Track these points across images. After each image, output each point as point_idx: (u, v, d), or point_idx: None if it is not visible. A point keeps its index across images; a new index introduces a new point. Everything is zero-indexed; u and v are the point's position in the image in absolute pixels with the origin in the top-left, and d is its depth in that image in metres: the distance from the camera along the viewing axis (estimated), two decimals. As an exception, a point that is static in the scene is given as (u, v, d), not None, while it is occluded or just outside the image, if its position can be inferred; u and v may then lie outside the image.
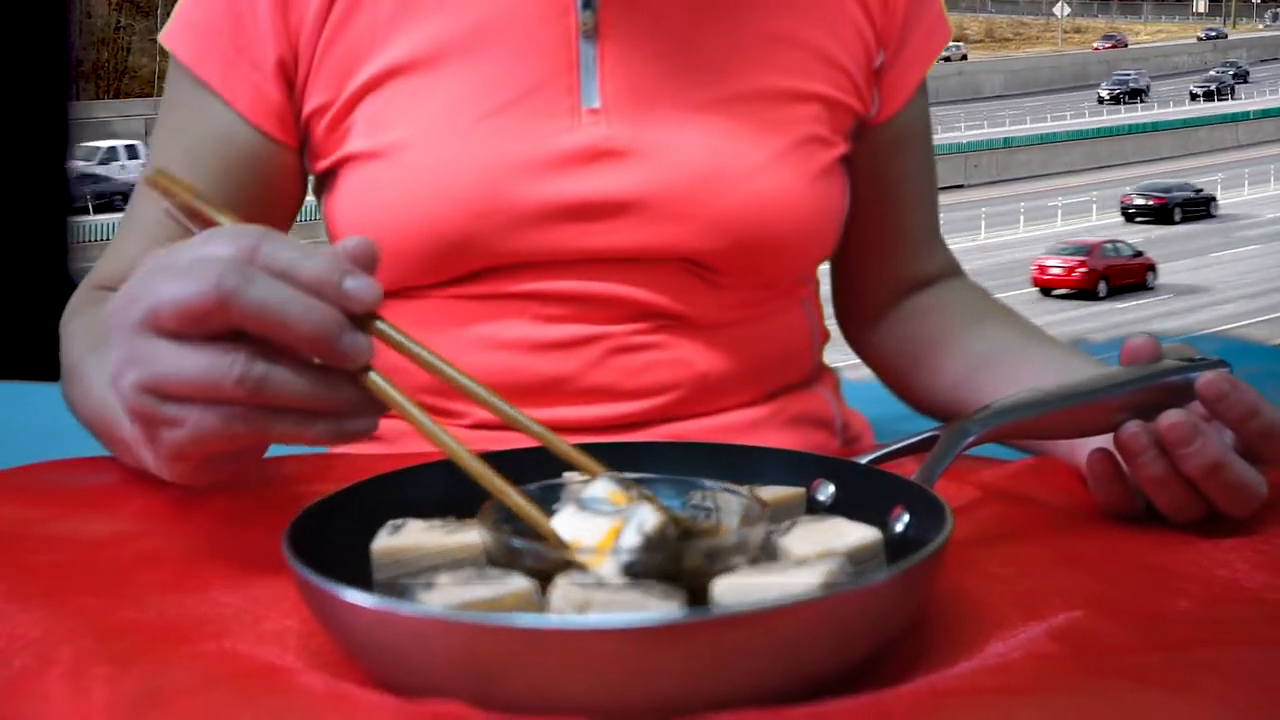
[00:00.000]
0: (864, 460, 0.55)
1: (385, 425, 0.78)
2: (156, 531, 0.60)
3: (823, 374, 0.86)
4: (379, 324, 0.48)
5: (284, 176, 0.78)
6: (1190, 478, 0.55)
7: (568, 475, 0.51)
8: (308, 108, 0.76)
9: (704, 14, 0.76)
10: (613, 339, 0.74)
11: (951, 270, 0.88)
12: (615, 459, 0.53)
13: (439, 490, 0.52)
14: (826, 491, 0.54)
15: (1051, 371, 0.73)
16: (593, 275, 0.73)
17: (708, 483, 0.49)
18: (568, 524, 0.44)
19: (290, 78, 0.75)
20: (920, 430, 0.58)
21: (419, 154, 0.73)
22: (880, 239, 0.86)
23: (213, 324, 0.46)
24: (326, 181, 0.78)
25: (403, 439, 0.77)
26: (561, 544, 0.43)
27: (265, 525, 0.59)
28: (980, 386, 0.77)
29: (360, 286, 0.46)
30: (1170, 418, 0.55)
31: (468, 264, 0.73)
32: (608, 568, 0.42)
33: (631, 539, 0.42)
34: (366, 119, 0.74)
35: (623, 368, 0.74)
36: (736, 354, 0.76)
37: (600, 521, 0.44)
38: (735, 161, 0.74)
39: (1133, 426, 0.55)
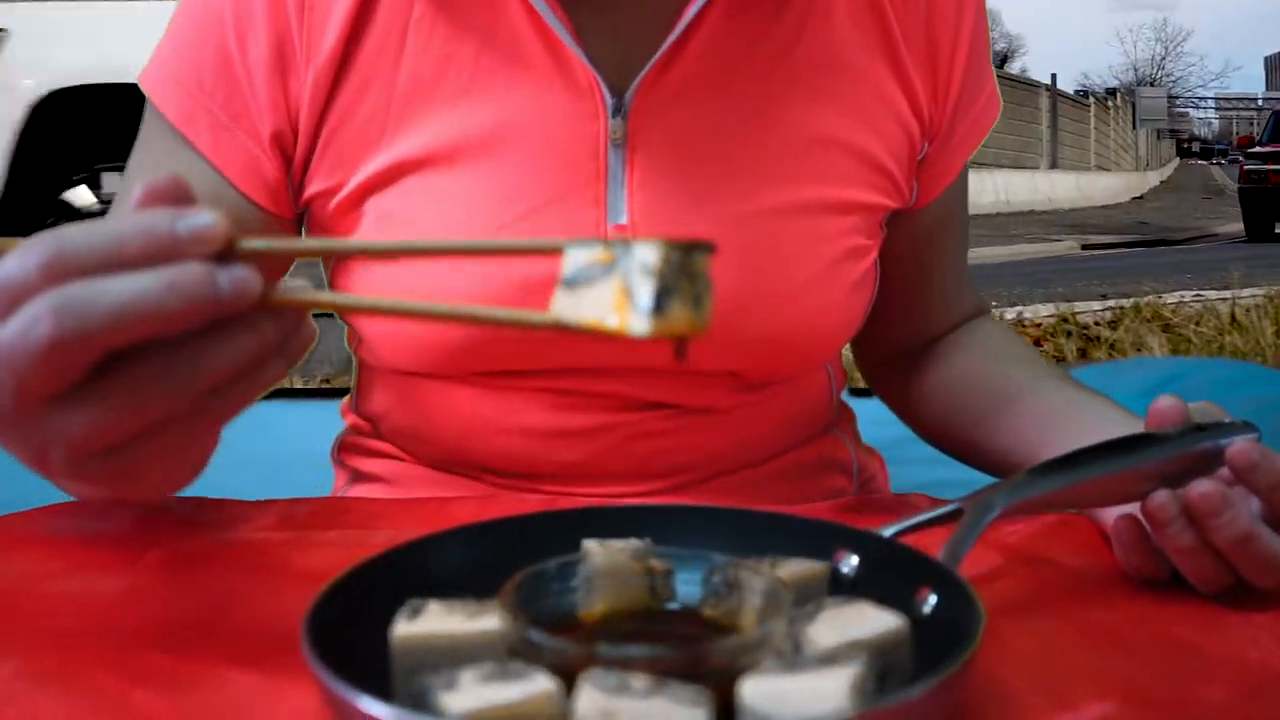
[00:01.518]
0: (888, 533, 0.54)
1: (388, 468, 0.78)
2: (168, 586, 0.59)
3: (841, 415, 0.84)
4: (245, 246, 0.41)
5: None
6: (1219, 549, 0.54)
7: (586, 545, 0.50)
8: (310, 190, 0.70)
9: (741, 119, 0.69)
10: (632, 426, 0.71)
11: (977, 310, 0.87)
12: (630, 525, 0.52)
13: (457, 561, 0.51)
14: (850, 564, 0.53)
15: (1072, 412, 0.73)
16: (613, 380, 0.70)
17: (728, 559, 0.48)
18: (569, 307, 0.41)
19: (288, 152, 0.70)
20: (942, 496, 0.57)
21: (433, 266, 0.67)
22: (909, 302, 0.82)
23: (82, 363, 0.39)
24: (339, 268, 0.73)
25: (407, 480, 0.77)
26: (562, 325, 0.41)
27: (280, 584, 0.58)
28: (997, 426, 0.76)
29: (196, 221, 0.40)
30: (1200, 488, 0.54)
31: (483, 366, 0.70)
32: (638, 326, 0.40)
33: (643, 285, 0.40)
34: (377, 215, 0.69)
35: (641, 453, 0.72)
36: (757, 427, 0.75)
37: (600, 288, 0.41)
38: (770, 285, 0.68)
39: (1161, 496, 0.54)
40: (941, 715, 0.41)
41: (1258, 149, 17.12)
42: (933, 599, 0.48)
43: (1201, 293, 5.78)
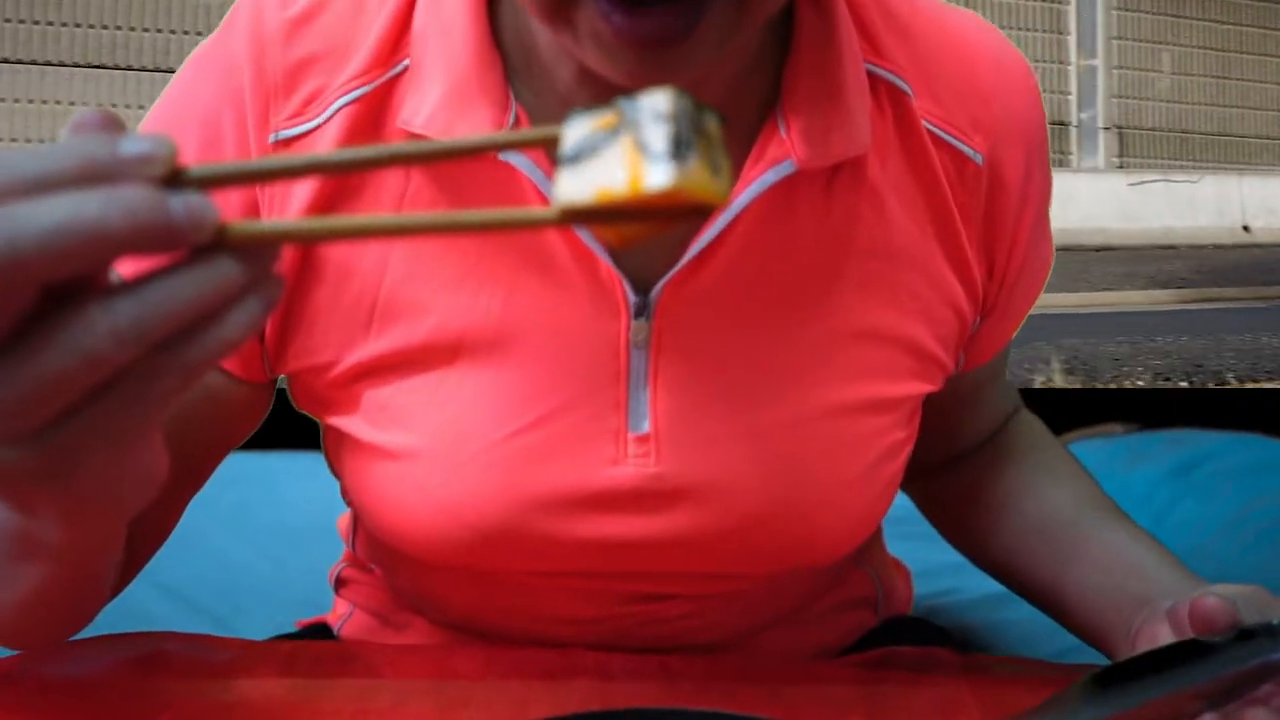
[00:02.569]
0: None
1: (389, 607, 0.75)
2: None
3: (870, 545, 0.81)
4: (194, 174, 0.35)
5: (237, 408, 0.64)
6: None
7: None
8: (292, 363, 0.62)
9: (779, 316, 0.61)
10: (647, 614, 0.67)
11: (1014, 408, 0.83)
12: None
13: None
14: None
15: (1109, 558, 0.70)
16: (630, 582, 0.65)
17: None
18: (574, 186, 0.36)
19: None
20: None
21: (433, 471, 0.60)
22: (945, 427, 0.75)
23: (10, 307, 0.33)
24: (331, 432, 0.66)
25: (413, 627, 0.74)
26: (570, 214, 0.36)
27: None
28: (1032, 554, 0.74)
29: (141, 144, 0.34)
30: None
31: (493, 564, 0.64)
32: (654, 177, 0.35)
33: (656, 132, 0.35)
34: (369, 405, 0.61)
35: (654, 634, 0.67)
36: (778, 602, 0.71)
37: (608, 154, 0.36)
38: (801, 495, 0.61)
39: None
40: None
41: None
42: None
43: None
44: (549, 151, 0.56)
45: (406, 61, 0.59)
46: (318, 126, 0.58)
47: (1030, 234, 0.66)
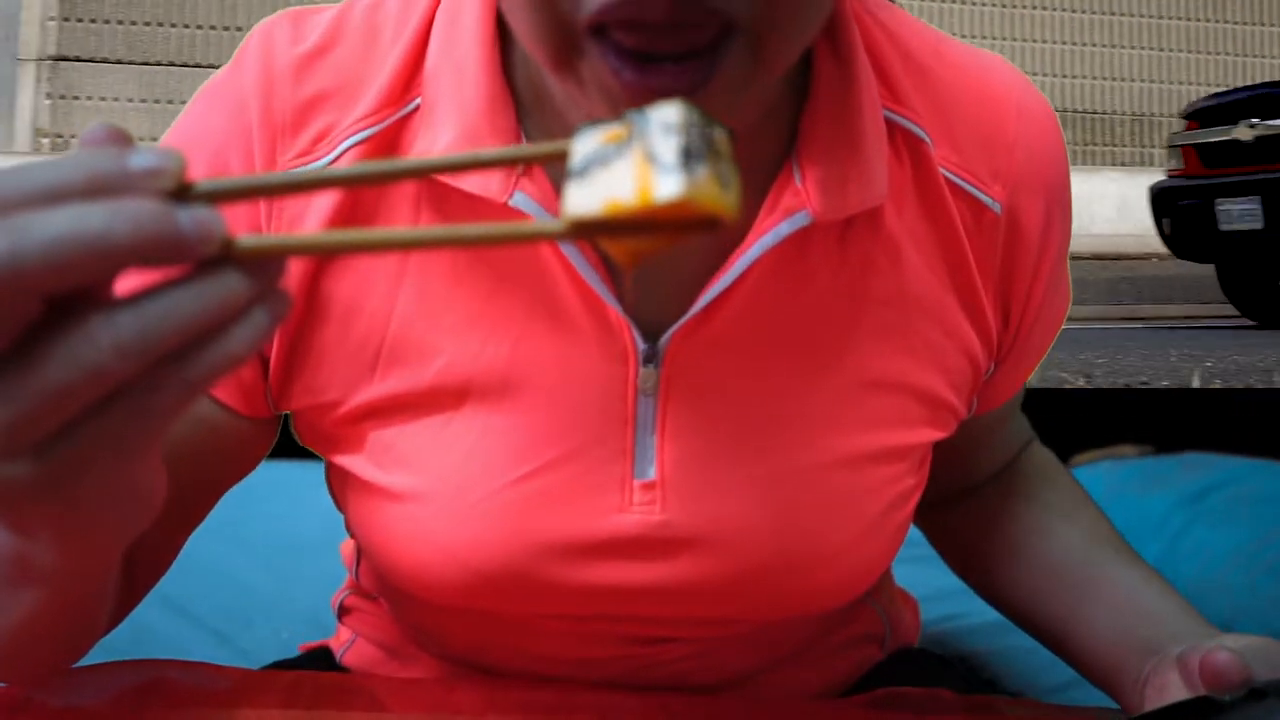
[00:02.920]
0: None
1: (393, 638, 0.74)
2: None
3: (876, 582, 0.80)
4: (202, 188, 0.35)
5: (239, 444, 0.63)
6: None
7: None
8: (297, 402, 0.61)
9: (791, 365, 0.60)
10: (651, 656, 0.66)
11: (1026, 439, 0.82)
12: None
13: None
14: None
15: (1120, 601, 0.69)
16: (633, 625, 0.64)
17: None
18: (582, 199, 0.36)
19: (262, 352, 0.59)
20: None
21: (437, 515, 0.59)
22: (957, 463, 0.74)
23: (13, 316, 0.33)
24: (335, 469, 0.65)
25: (413, 657, 0.73)
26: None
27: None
28: (1043, 595, 0.73)
29: (149, 158, 0.34)
30: None
31: (491, 609, 0.63)
32: (664, 188, 0.35)
33: (665, 143, 0.35)
34: (374, 446, 0.60)
35: (659, 676, 0.67)
36: (788, 636, 0.70)
37: (616, 167, 0.36)
38: (813, 546, 0.60)
39: None
40: None
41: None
42: None
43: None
44: (552, 171, 0.56)
45: (418, 100, 0.58)
46: (326, 165, 0.57)
47: (1048, 281, 0.66)
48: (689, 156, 0.35)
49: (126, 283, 0.35)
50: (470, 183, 0.56)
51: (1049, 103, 0.65)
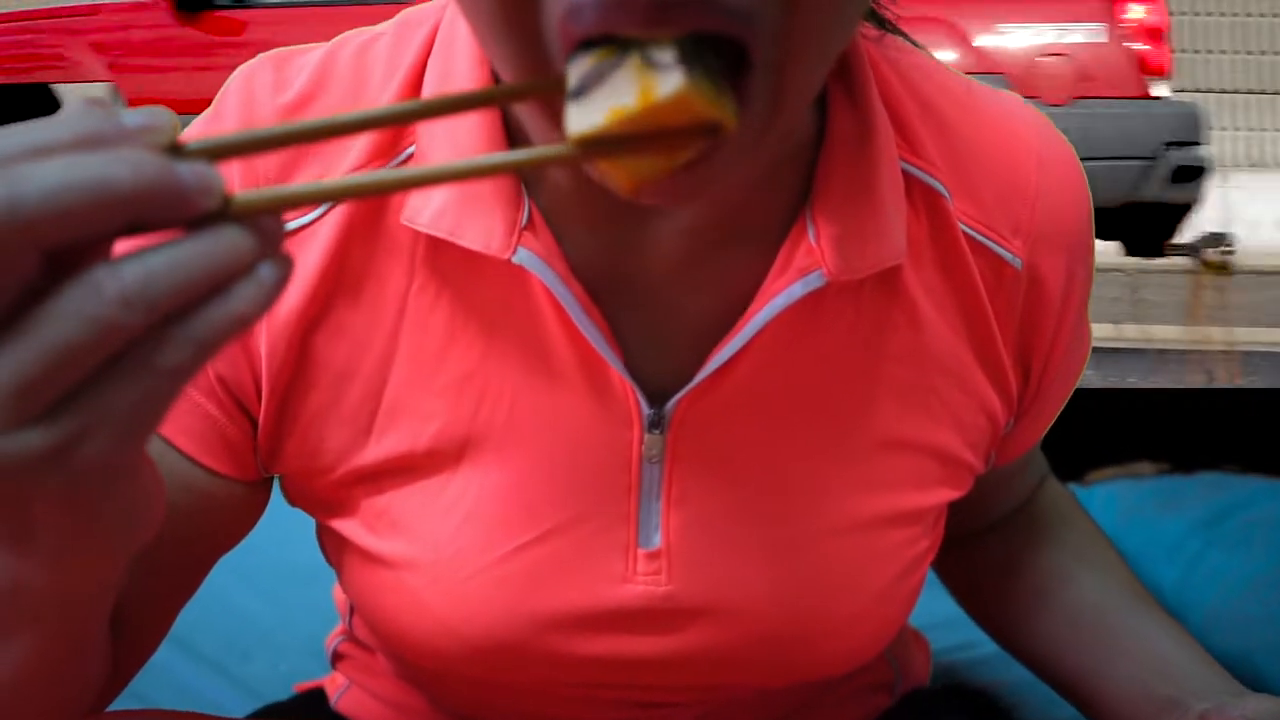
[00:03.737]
0: None
1: (389, 690, 0.72)
2: None
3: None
4: (195, 146, 0.34)
5: (230, 509, 0.60)
6: None
7: None
8: (287, 465, 0.58)
9: (803, 428, 0.57)
10: (656, 717, 0.64)
11: (1040, 477, 0.79)
12: None
13: None
14: None
15: (1140, 653, 0.68)
16: (636, 692, 0.62)
17: None
18: (584, 117, 0.36)
19: (244, 406, 0.57)
20: None
21: (433, 585, 0.56)
22: (971, 507, 0.70)
23: (13, 273, 0.31)
24: (326, 529, 0.63)
25: (412, 710, 0.71)
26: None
27: None
28: (1061, 646, 0.71)
29: (143, 117, 0.33)
30: None
31: (488, 678, 0.61)
32: (665, 84, 0.35)
33: (660, 50, 0.36)
34: (367, 511, 0.58)
35: None
36: (795, 696, 0.68)
37: (614, 79, 0.36)
38: (824, 615, 0.58)
39: None
40: None
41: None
42: None
43: None
44: (554, 225, 0.53)
45: (412, 149, 0.55)
46: (313, 221, 0.55)
47: (1070, 334, 0.63)
48: (688, 57, 0.36)
49: (123, 247, 0.33)
50: (471, 239, 0.53)
51: (1073, 149, 0.62)
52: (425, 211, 0.53)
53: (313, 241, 0.55)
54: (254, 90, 0.56)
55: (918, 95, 0.59)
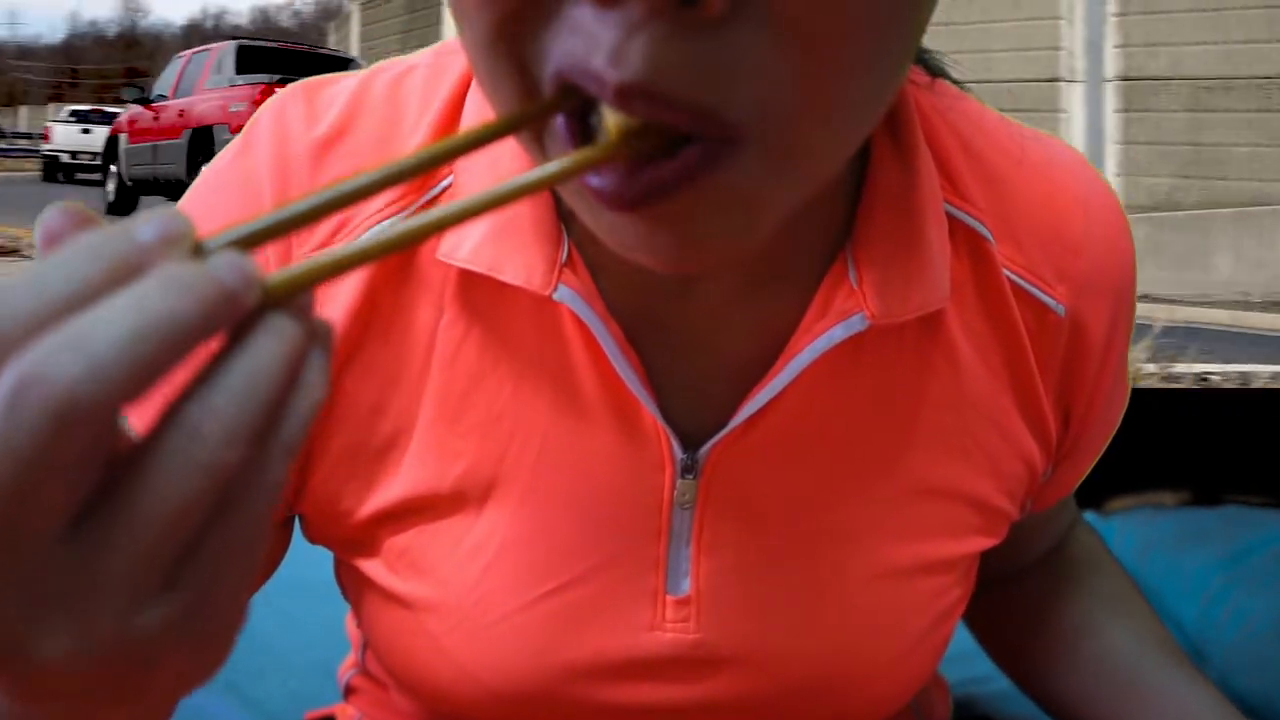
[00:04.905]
0: None
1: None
2: None
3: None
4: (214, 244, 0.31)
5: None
6: None
7: None
8: (310, 503, 0.57)
9: (839, 474, 0.56)
10: None
11: (1071, 520, 0.78)
12: None
13: None
14: None
15: (1167, 710, 0.66)
16: None
17: None
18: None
19: None
20: None
21: (455, 630, 0.55)
22: (1002, 553, 0.67)
23: (100, 446, 0.28)
24: (344, 565, 0.61)
25: None
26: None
27: None
28: (1087, 698, 0.70)
29: (159, 225, 0.30)
30: None
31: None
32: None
33: None
34: (389, 551, 0.56)
35: None
36: None
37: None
38: (855, 664, 0.57)
39: None
40: None
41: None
42: None
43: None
44: (588, 258, 0.52)
45: (449, 180, 0.54)
46: None
47: (1111, 383, 0.62)
48: None
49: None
50: (512, 274, 0.51)
51: (1118, 197, 0.61)
52: (463, 247, 0.52)
53: (344, 284, 0.54)
54: (287, 124, 0.55)
55: (963, 139, 0.58)
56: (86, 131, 20.86)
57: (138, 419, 0.30)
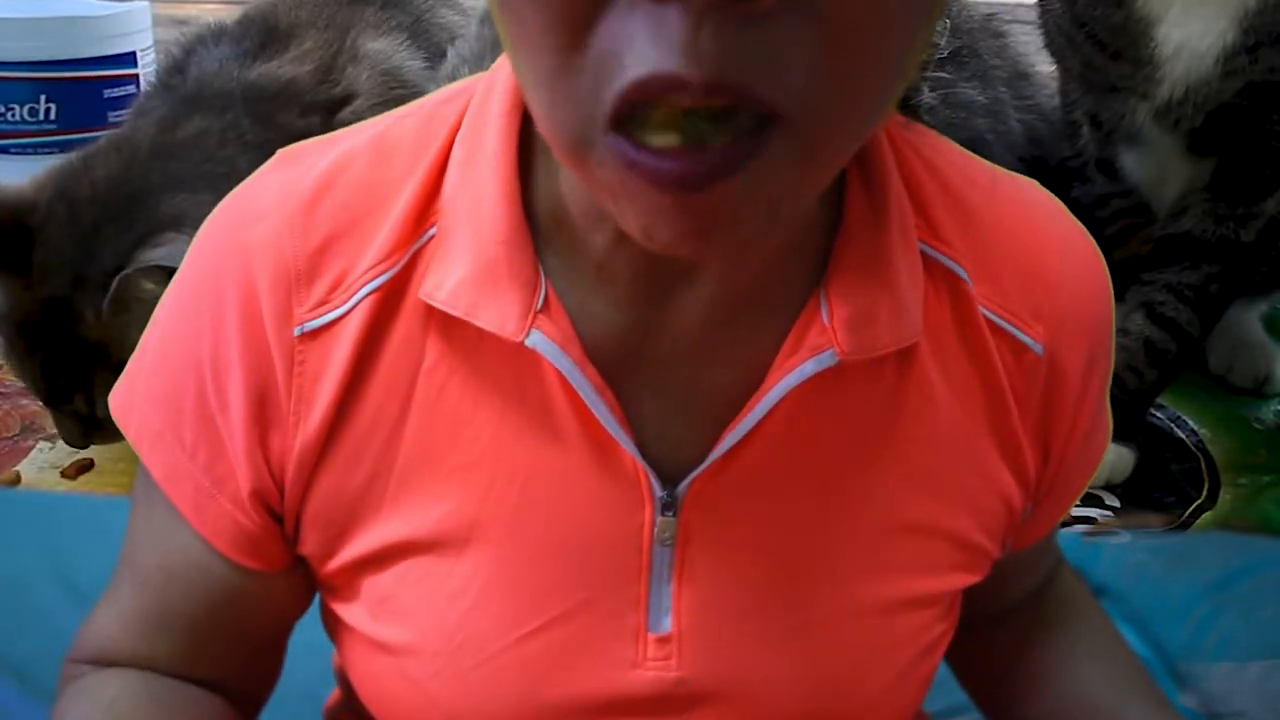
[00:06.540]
0: None
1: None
2: None
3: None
4: None
5: (273, 601, 0.61)
6: None
7: None
8: (303, 549, 0.58)
9: (817, 510, 0.56)
10: None
11: (1055, 562, 0.78)
12: None
13: None
14: None
15: None
16: None
17: None
18: None
19: (273, 509, 0.57)
20: None
21: (438, 674, 0.55)
22: (985, 592, 0.67)
23: None
24: (329, 609, 0.61)
25: None
26: None
27: None
28: None
29: None
30: None
31: None
32: None
33: None
34: (370, 595, 0.57)
35: None
36: None
37: None
38: (838, 701, 0.57)
39: None
40: None
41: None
42: None
43: None
44: (570, 305, 0.52)
45: (434, 230, 0.54)
46: (344, 315, 0.54)
47: (1090, 421, 0.62)
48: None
49: None
50: (486, 319, 0.52)
51: (1093, 239, 0.61)
52: (443, 289, 0.52)
53: (343, 335, 0.54)
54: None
55: (940, 179, 0.58)
56: None
57: None
